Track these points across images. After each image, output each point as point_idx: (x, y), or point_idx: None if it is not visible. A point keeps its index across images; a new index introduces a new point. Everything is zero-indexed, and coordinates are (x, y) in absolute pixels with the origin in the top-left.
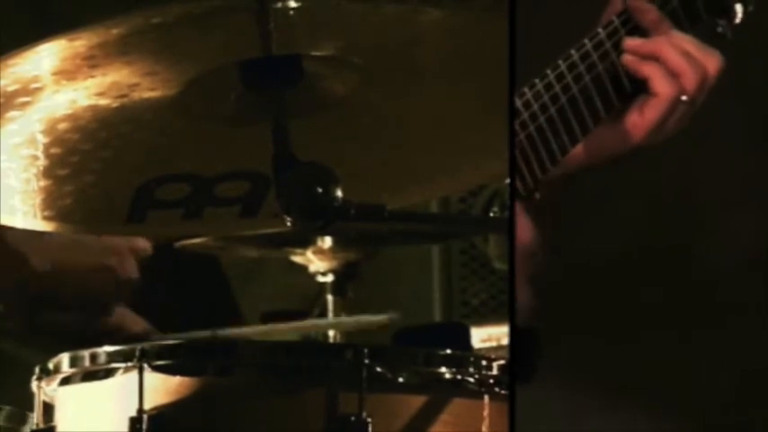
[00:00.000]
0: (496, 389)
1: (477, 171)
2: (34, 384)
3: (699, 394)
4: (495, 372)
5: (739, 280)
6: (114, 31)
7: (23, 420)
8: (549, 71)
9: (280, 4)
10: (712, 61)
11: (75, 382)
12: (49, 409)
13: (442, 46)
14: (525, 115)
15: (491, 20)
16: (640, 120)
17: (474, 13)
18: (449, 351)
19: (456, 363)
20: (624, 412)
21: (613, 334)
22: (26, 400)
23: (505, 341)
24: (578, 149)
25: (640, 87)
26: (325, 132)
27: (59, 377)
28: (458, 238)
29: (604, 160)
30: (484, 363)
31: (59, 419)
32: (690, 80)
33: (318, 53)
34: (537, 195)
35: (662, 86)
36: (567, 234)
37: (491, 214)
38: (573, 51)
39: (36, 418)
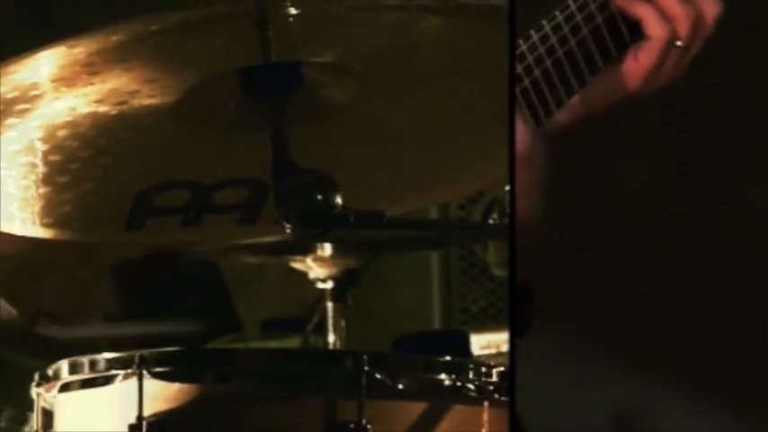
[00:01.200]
0: (496, 396)
1: (476, 178)
2: (33, 391)
3: (706, 365)
4: (494, 378)
5: (751, 250)
6: (114, 38)
7: (24, 421)
8: (545, 22)
9: (279, 12)
10: (709, 6)
11: (74, 389)
12: (48, 416)
13: (441, 53)
14: (519, 68)
15: (490, 27)
16: (635, 65)
17: (473, 20)
18: (448, 358)
19: (456, 369)
20: (630, 384)
21: (619, 304)
22: (25, 407)
23: (505, 348)
24: (575, 100)
25: (638, 34)
26: (324, 139)
27: (59, 384)
28: (457, 244)
29: (603, 109)
30: (483, 369)
31: (59, 426)
32: (683, 24)
33: (318, 60)
34: None
35: (654, 29)
36: (574, 202)
37: (490, 221)
38: (570, 2)
39: (35, 424)
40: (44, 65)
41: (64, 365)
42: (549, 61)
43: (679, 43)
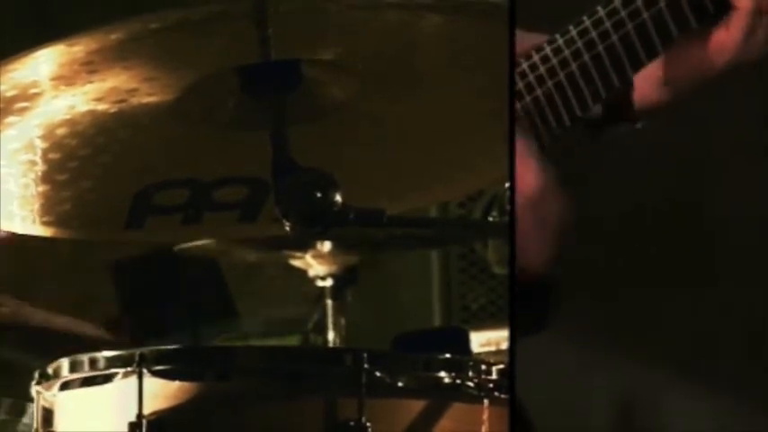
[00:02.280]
0: (496, 393)
1: (476, 176)
2: (34, 389)
3: (707, 349)
4: (494, 376)
5: (752, 236)
6: (113, 37)
7: (23, 412)
8: None
9: (278, 10)
10: None
11: (74, 387)
12: (48, 415)
13: (441, 51)
14: (579, 43)
15: (491, 25)
16: (727, 36)
17: (473, 18)
18: (448, 355)
19: (455, 367)
20: (631, 370)
21: (619, 291)
22: (23, 399)
23: (505, 346)
24: (672, 76)
25: (724, 7)
26: (324, 137)
27: (59, 382)
28: (457, 242)
29: (698, 84)
30: (483, 367)
31: (59, 425)
32: None
33: (317, 58)
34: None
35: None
36: (581, 188)
37: (490, 219)
38: None
39: (35, 423)
40: (43, 63)
41: (64, 364)
42: (615, 36)
43: None
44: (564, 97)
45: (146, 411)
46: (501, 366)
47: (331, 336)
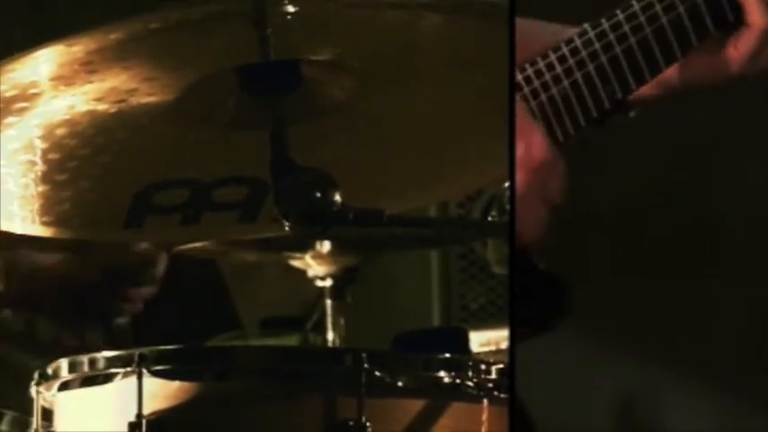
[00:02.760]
0: (495, 393)
1: (475, 175)
2: (33, 389)
3: (707, 349)
4: (493, 376)
5: (755, 232)
6: (112, 37)
7: (26, 426)
8: (634, 1)
9: (278, 10)
10: None
11: (73, 388)
12: (48, 415)
13: (441, 51)
14: (613, 36)
15: (491, 24)
16: (735, 52)
17: (473, 17)
18: (448, 355)
19: (455, 367)
20: (632, 368)
21: (619, 289)
22: (25, 406)
23: (504, 345)
24: (672, 76)
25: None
26: (323, 137)
27: (58, 382)
28: (456, 242)
29: (701, 87)
30: (483, 367)
31: (58, 425)
32: None
33: (317, 58)
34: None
35: (754, 16)
36: (581, 179)
37: (489, 219)
38: None
39: (35, 423)
40: (43, 63)
41: (63, 364)
42: (633, 39)
43: None
44: (580, 97)
45: (145, 411)
46: (500, 366)
47: (330, 336)
